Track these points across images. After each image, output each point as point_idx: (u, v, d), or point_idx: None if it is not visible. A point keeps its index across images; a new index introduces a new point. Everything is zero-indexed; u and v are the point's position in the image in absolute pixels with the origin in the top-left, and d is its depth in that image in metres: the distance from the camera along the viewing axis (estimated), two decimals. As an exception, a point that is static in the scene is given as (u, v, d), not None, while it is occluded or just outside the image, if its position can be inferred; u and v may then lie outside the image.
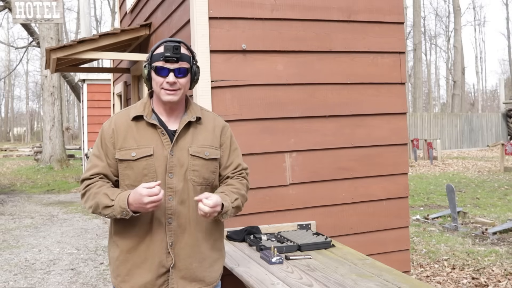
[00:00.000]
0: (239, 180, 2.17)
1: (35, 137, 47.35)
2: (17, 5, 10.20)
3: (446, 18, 51.13)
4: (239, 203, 2.09)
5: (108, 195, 1.96)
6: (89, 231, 7.47)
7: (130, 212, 1.92)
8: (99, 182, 2.03)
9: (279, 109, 3.50)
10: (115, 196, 1.94)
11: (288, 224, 3.47)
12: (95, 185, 2.02)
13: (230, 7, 3.38)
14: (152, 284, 2.01)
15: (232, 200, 2.05)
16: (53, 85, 15.94)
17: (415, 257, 5.64)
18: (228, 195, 2.06)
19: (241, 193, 2.12)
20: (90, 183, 2.04)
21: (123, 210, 1.92)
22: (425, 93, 46.50)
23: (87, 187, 2.04)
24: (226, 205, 2.00)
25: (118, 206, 1.92)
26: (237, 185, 2.14)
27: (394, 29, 3.81)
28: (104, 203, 1.96)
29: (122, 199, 1.92)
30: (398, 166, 3.81)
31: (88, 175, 2.05)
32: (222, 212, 1.99)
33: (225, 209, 1.99)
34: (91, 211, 2.02)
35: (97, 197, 1.98)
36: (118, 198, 1.93)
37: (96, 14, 45.79)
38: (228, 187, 2.12)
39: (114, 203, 1.93)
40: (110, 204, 1.94)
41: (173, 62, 2.00)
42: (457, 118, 24.62)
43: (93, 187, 2.02)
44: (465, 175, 13.77)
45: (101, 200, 1.97)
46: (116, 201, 1.93)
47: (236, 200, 2.07)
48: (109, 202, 1.94)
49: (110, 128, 2.07)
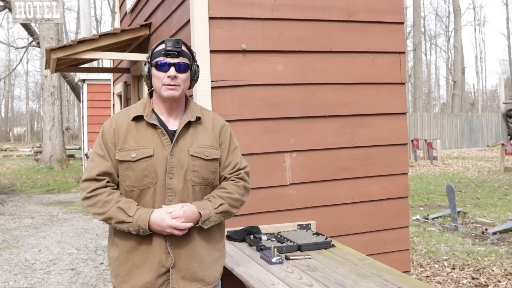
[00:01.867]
0: (234, 182, 2.14)
1: (35, 137, 47.34)
2: (17, 5, 10.20)
3: (446, 18, 51.17)
4: (225, 208, 2.07)
5: (125, 211, 1.95)
6: (89, 231, 7.47)
7: (148, 232, 1.96)
8: (108, 189, 2.00)
9: (279, 109, 3.50)
10: (133, 213, 1.94)
11: (288, 224, 3.47)
12: (104, 192, 1.99)
13: (230, 7, 3.38)
14: (152, 284, 2.01)
15: (215, 206, 2.03)
16: (53, 85, 15.95)
17: (415, 257, 5.64)
18: (212, 201, 2.05)
19: (232, 197, 2.09)
20: (97, 187, 1.99)
21: (141, 229, 1.94)
22: (425, 93, 46.50)
23: (94, 192, 1.99)
24: (206, 213, 1.99)
25: (137, 224, 1.93)
26: (230, 188, 2.11)
27: (394, 29, 3.81)
28: (119, 218, 1.95)
29: (143, 219, 1.93)
30: (398, 166, 3.81)
31: (93, 175, 2.00)
32: (202, 220, 1.99)
33: (205, 217, 1.99)
34: (99, 218, 2.00)
35: (109, 208, 1.96)
36: (138, 216, 1.94)
37: (96, 14, 45.80)
38: (217, 191, 2.10)
39: (132, 220, 1.94)
40: (127, 220, 1.94)
41: (174, 57, 2.01)
42: (457, 118, 24.62)
43: (101, 194, 1.99)
44: (465, 175, 13.77)
45: (115, 214, 1.95)
46: (135, 219, 1.93)
47: (221, 205, 2.05)
48: (126, 218, 1.94)
49: (111, 128, 2.06)
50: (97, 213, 1.99)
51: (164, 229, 1.94)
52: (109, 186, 2.02)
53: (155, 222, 1.94)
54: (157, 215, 1.95)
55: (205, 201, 2.04)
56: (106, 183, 2.01)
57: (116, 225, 1.98)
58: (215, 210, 2.03)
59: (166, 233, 1.97)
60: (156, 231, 1.96)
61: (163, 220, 1.93)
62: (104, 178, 2.01)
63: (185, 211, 1.97)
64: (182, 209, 1.97)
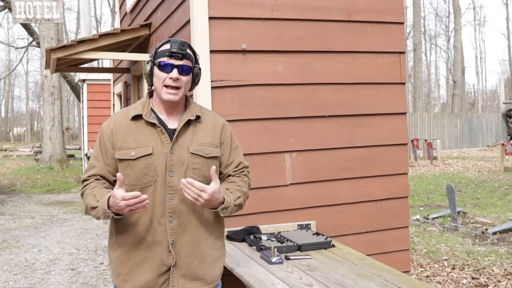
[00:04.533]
0: (241, 178, 2.17)
1: (35, 137, 47.34)
2: (17, 5, 10.20)
3: (446, 18, 51.16)
4: (241, 201, 2.10)
5: (95, 196, 1.97)
6: (89, 231, 7.47)
7: (111, 214, 1.91)
8: (94, 183, 2.04)
9: (279, 109, 3.50)
10: (100, 197, 1.95)
11: (288, 224, 3.47)
12: (90, 186, 2.04)
13: (230, 7, 3.38)
14: (154, 282, 2.01)
15: (235, 198, 2.05)
16: (53, 85, 15.95)
17: (415, 257, 5.64)
18: (232, 192, 2.07)
19: (243, 190, 2.13)
20: (87, 183, 2.06)
21: (104, 211, 1.92)
22: (425, 93, 46.51)
23: (83, 188, 2.07)
24: (228, 200, 2.00)
25: (101, 208, 1.93)
26: (239, 182, 2.15)
27: (394, 29, 3.81)
28: (91, 204, 1.97)
29: (103, 201, 1.92)
30: (398, 166, 3.81)
31: (85, 177, 2.08)
32: (223, 207, 1.99)
33: (227, 204, 1.99)
34: (85, 212, 2.04)
35: (87, 198, 2.00)
36: (102, 200, 1.94)
37: (96, 14, 45.79)
38: (231, 184, 2.12)
39: (98, 204, 1.94)
40: (95, 205, 1.95)
41: (177, 59, 2.01)
42: (457, 118, 24.62)
43: (87, 188, 2.04)
44: (465, 175, 13.77)
45: (89, 201, 1.98)
46: (100, 203, 1.93)
47: (239, 198, 2.08)
48: (94, 203, 1.95)
49: (109, 128, 2.07)
50: (84, 206, 2.03)
51: (120, 206, 1.85)
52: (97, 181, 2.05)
53: (111, 201, 1.88)
54: (112, 194, 1.89)
55: (226, 191, 2.05)
56: (94, 179, 2.05)
57: (90, 213, 1.99)
58: (234, 202, 2.04)
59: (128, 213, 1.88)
60: (119, 211, 1.88)
61: (115, 197, 1.86)
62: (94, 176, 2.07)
63: (216, 188, 1.92)
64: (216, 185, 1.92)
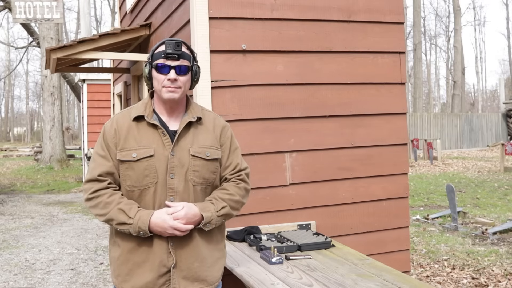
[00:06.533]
0: (235, 184, 2.14)
1: (35, 137, 47.33)
2: (17, 5, 10.20)
3: (446, 18, 51.16)
4: (227, 211, 2.07)
5: (125, 212, 1.95)
6: (89, 231, 7.47)
7: (148, 234, 1.95)
8: (110, 190, 2.01)
9: (279, 109, 3.50)
10: (134, 214, 1.94)
11: (288, 224, 3.47)
12: (106, 193, 2.00)
13: (230, 7, 3.38)
14: (153, 284, 2.01)
15: (217, 209, 2.04)
16: (53, 85, 15.95)
17: (415, 257, 5.65)
18: (214, 203, 2.05)
19: (234, 199, 2.10)
20: (99, 188, 2.00)
21: (141, 230, 1.94)
22: (425, 93, 46.51)
23: (96, 193, 2.00)
24: (208, 216, 2.00)
25: (137, 226, 1.93)
26: (232, 189, 2.12)
27: (394, 29, 3.81)
28: (120, 219, 1.95)
29: (143, 221, 1.93)
30: (398, 166, 3.82)
31: (95, 175, 2.01)
32: (204, 223, 1.99)
33: (207, 219, 2.00)
34: (101, 220, 2.01)
35: (110, 210, 1.96)
36: (138, 217, 1.94)
37: (96, 14, 45.78)
38: (220, 192, 2.11)
39: (133, 222, 1.93)
40: (128, 222, 1.94)
41: (174, 59, 2.01)
42: (457, 118, 24.62)
43: (103, 195, 1.99)
44: (465, 175, 13.77)
45: (116, 215, 1.96)
46: (136, 220, 1.93)
47: (223, 208, 2.06)
48: (126, 219, 1.94)
49: (112, 128, 2.06)
50: (99, 214, 2.00)
51: (166, 230, 1.94)
52: (110, 187, 2.02)
53: (156, 223, 1.94)
54: (157, 216, 1.95)
55: (207, 203, 2.04)
56: (107, 184, 2.01)
57: (117, 227, 1.98)
58: (217, 213, 2.03)
59: (168, 235, 1.96)
60: (157, 232, 1.96)
61: (165, 221, 1.93)
62: (105, 179, 2.02)
63: (187, 213, 1.96)
64: (183, 211, 1.96)
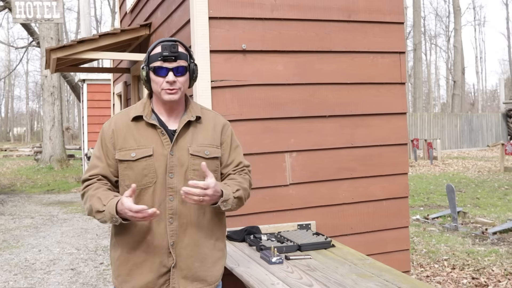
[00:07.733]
0: (241, 176, 2.16)
1: (35, 137, 47.33)
2: (17, 5, 10.20)
3: (446, 18, 51.19)
4: (240, 194, 2.06)
5: (101, 200, 1.94)
6: (89, 231, 7.47)
7: (119, 219, 1.90)
8: (96, 183, 2.02)
9: (279, 109, 3.50)
10: (107, 201, 1.93)
11: (288, 224, 3.47)
12: (92, 186, 2.02)
13: (230, 7, 3.38)
14: (153, 284, 2.01)
15: (233, 190, 2.03)
16: (53, 85, 15.95)
17: (415, 257, 5.64)
18: (230, 185, 2.05)
19: (243, 186, 2.10)
20: (88, 184, 2.04)
21: (112, 216, 1.90)
22: (425, 93, 46.50)
23: (85, 189, 2.04)
24: (227, 193, 1.98)
25: (108, 212, 1.90)
26: (239, 179, 2.13)
27: (394, 29, 3.81)
28: (96, 207, 1.94)
29: (111, 206, 1.90)
30: (398, 166, 3.81)
31: (87, 176, 2.06)
32: (223, 199, 1.96)
33: (226, 197, 1.97)
34: (87, 213, 2.02)
35: (92, 200, 1.97)
36: (109, 204, 1.91)
37: (96, 14, 45.78)
38: (229, 180, 2.11)
39: (105, 208, 1.91)
40: (101, 209, 1.92)
41: (171, 61, 2.00)
42: (457, 118, 24.62)
43: (90, 189, 2.02)
44: (465, 175, 13.77)
45: (94, 204, 1.95)
46: (107, 207, 1.91)
47: (238, 191, 2.05)
48: (100, 207, 1.93)
49: (110, 128, 2.07)
50: (86, 208, 2.01)
51: (126, 212, 1.86)
52: (99, 181, 2.03)
53: (120, 208, 1.88)
54: (120, 201, 1.89)
55: (223, 184, 2.03)
56: (97, 180, 2.03)
57: (95, 216, 1.96)
58: (233, 194, 2.02)
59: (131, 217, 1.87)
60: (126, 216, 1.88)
61: (122, 203, 1.86)
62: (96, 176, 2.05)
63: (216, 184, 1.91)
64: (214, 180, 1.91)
